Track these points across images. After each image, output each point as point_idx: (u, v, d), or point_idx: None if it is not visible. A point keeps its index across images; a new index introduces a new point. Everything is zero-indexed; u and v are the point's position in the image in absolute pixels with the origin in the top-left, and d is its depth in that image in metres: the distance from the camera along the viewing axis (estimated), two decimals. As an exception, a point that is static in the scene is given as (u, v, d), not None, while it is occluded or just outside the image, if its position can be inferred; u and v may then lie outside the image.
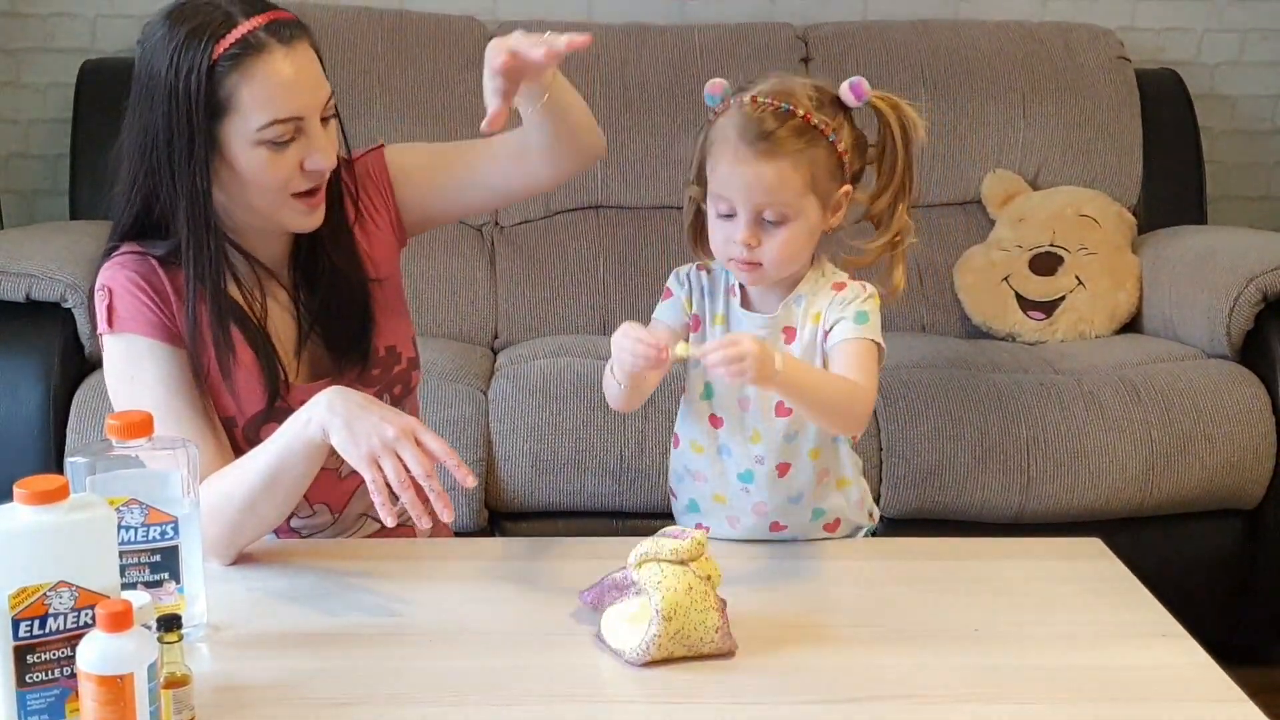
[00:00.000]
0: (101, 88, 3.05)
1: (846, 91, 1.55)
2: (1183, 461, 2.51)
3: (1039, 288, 2.94)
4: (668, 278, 1.68)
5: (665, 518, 1.75)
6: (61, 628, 1.17)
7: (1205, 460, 2.52)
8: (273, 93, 1.50)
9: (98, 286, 1.59)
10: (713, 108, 1.58)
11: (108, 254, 1.61)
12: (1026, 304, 2.94)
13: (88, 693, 1.12)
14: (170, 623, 1.21)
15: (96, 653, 1.12)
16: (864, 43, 3.16)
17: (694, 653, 1.34)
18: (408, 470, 1.43)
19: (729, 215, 1.54)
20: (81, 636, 1.15)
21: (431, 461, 1.45)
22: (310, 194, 1.57)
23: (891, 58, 3.14)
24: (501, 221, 3.08)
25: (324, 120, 1.56)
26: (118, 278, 1.58)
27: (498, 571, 1.57)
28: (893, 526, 2.43)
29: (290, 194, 1.55)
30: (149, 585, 1.34)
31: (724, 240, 1.56)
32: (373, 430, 1.44)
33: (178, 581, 1.35)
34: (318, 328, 1.66)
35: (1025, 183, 3.11)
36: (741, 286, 1.63)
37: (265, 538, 1.60)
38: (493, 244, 3.05)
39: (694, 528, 1.64)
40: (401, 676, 1.32)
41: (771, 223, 1.53)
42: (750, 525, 1.65)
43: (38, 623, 1.17)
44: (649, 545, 1.36)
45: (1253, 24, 3.43)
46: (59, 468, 2.27)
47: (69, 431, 2.42)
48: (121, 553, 1.27)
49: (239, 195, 1.56)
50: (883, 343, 1.58)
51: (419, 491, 1.44)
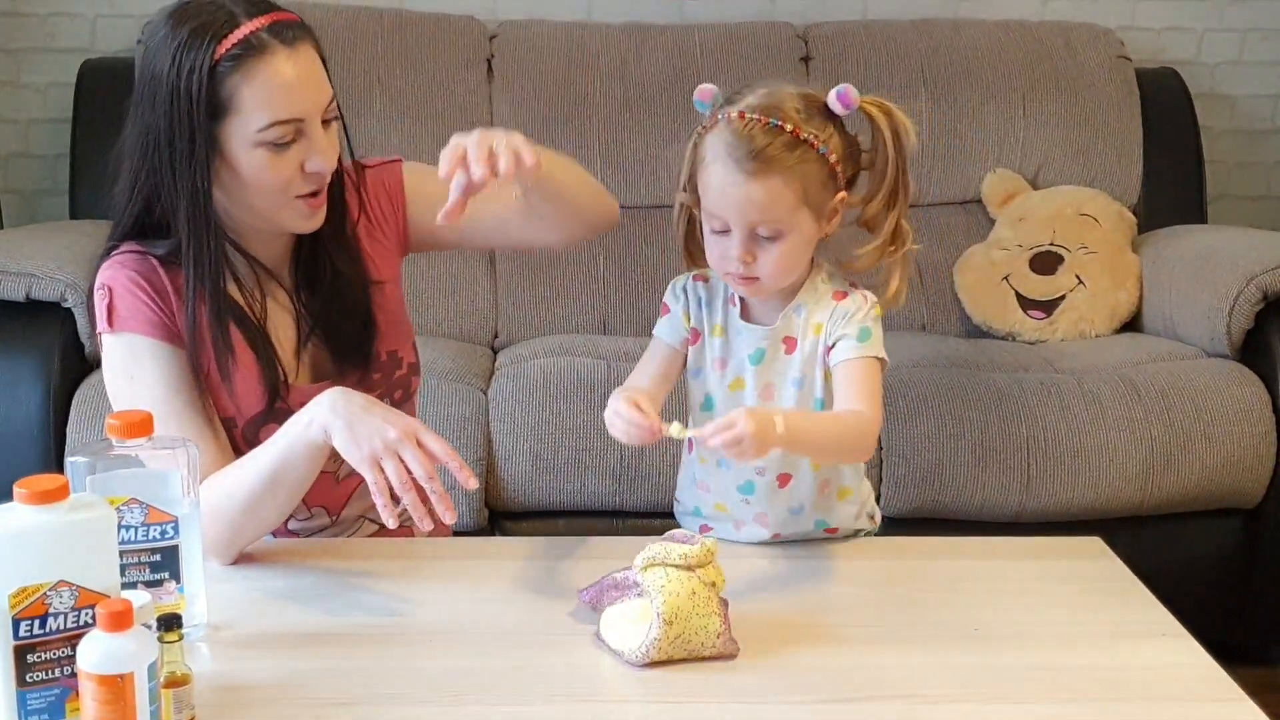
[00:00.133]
0: (101, 87, 3.06)
1: (834, 100, 1.52)
2: (1183, 461, 2.51)
3: (1039, 287, 2.94)
4: (667, 279, 1.67)
5: (666, 517, 1.76)
6: (62, 627, 1.17)
7: (1205, 459, 2.52)
8: (273, 94, 1.50)
9: (97, 285, 1.59)
10: (703, 114, 1.55)
11: (107, 253, 1.61)
12: (1027, 303, 2.94)
13: (88, 692, 1.12)
14: (170, 622, 1.21)
15: (97, 652, 1.12)
16: (864, 42, 3.16)
17: (694, 656, 1.34)
18: (410, 472, 1.43)
19: (723, 231, 1.52)
20: (82, 636, 1.15)
21: (433, 463, 1.44)
22: (311, 195, 1.57)
23: (891, 57, 3.13)
24: (501, 221, 3.08)
25: (326, 122, 1.56)
26: (118, 277, 1.58)
27: (498, 571, 1.57)
28: (893, 526, 2.42)
29: (292, 195, 1.55)
30: (149, 585, 1.33)
31: (720, 256, 1.54)
32: (375, 432, 1.44)
33: (178, 581, 1.35)
34: (319, 329, 1.66)
35: (1025, 182, 3.11)
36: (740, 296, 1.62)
37: (264, 538, 1.60)
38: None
39: (698, 531, 1.65)
40: (401, 676, 1.32)
41: (766, 238, 1.51)
42: (752, 533, 1.64)
43: (38, 622, 1.17)
44: (657, 549, 1.36)
45: (1253, 23, 3.43)
46: (59, 467, 2.26)
47: (69, 431, 2.42)
48: (121, 552, 1.27)
49: (239, 196, 1.56)
50: (885, 356, 1.57)
51: (421, 493, 1.44)
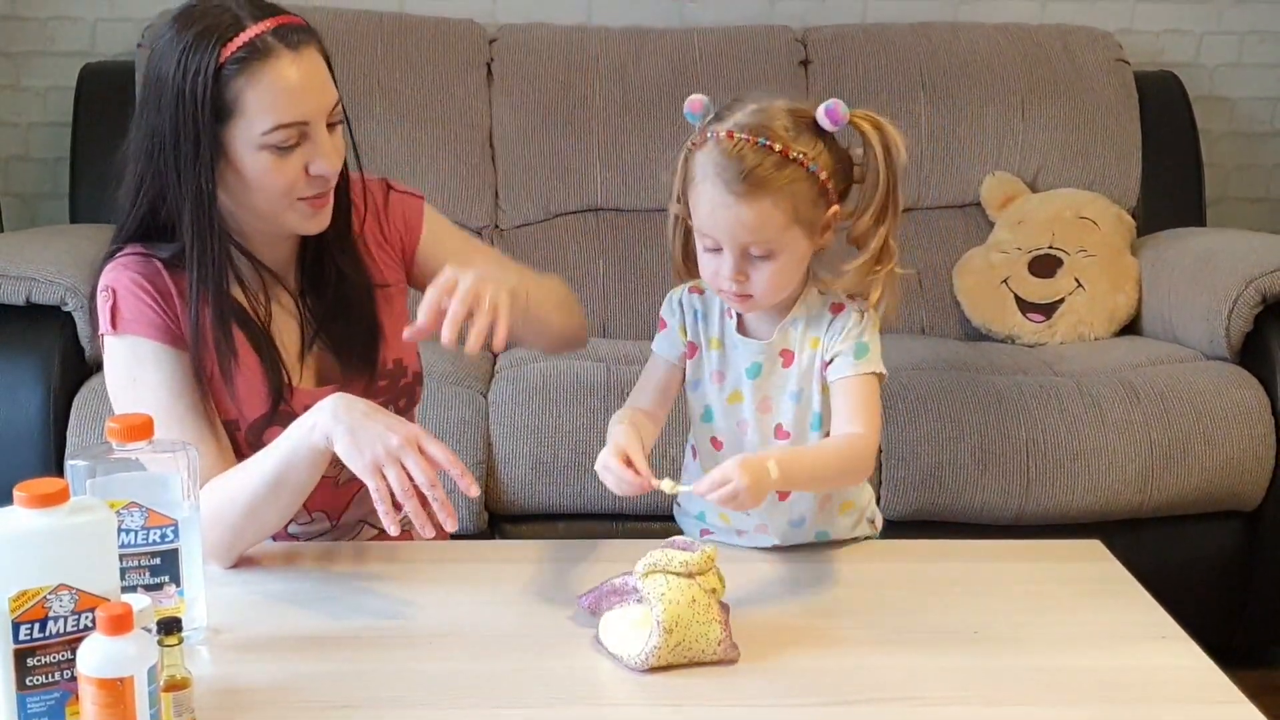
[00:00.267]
0: (101, 91, 3.06)
1: (823, 116, 1.49)
2: (1182, 463, 2.51)
3: (1038, 290, 2.94)
4: (667, 282, 1.66)
5: (666, 520, 1.76)
6: (61, 631, 1.17)
7: (1205, 462, 2.52)
8: (277, 97, 1.50)
9: (101, 287, 1.59)
10: (693, 125, 1.53)
11: (111, 255, 1.61)
12: (1026, 306, 2.94)
13: (88, 696, 1.12)
14: (170, 626, 1.21)
15: (97, 656, 1.12)
16: (863, 45, 3.16)
17: (695, 662, 1.34)
18: (412, 479, 1.43)
19: (715, 249, 1.51)
20: (82, 640, 1.15)
21: (435, 470, 1.44)
22: (315, 197, 1.57)
23: (891, 60, 3.14)
24: (501, 225, 3.08)
25: (331, 126, 1.56)
26: (121, 279, 1.57)
27: (497, 574, 1.57)
28: (893, 529, 2.42)
29: (295, 198, 1.55)
30: (149, 588, 1.33)
31: (713, 273, 1.53)
32: (377, 438, 1.44)
33: (178, 584, 1.35)
34: (324, 332, 1.66)
35: (1024, 185, 3.11)
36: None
37: (264, 541, 1.60)
38: (492, 246, 3.05)
39: (700, 535, 1.65)
40: (401, 679, 1.32)
41: (759, 257, 1.50)
42: (754, 540, 1.64)
43: (38, 626, 1.17)
44: (658, 556, 1.35)
45: (1252, 26, 3.44)
46: (59, 471, 2.26)
47: (69, 434, 2.42)
48: (121, 556, 1.27)
49: (243, 198, 1.56)
50: (883, 370, 1.57)
51: (423, 500, 1.44)
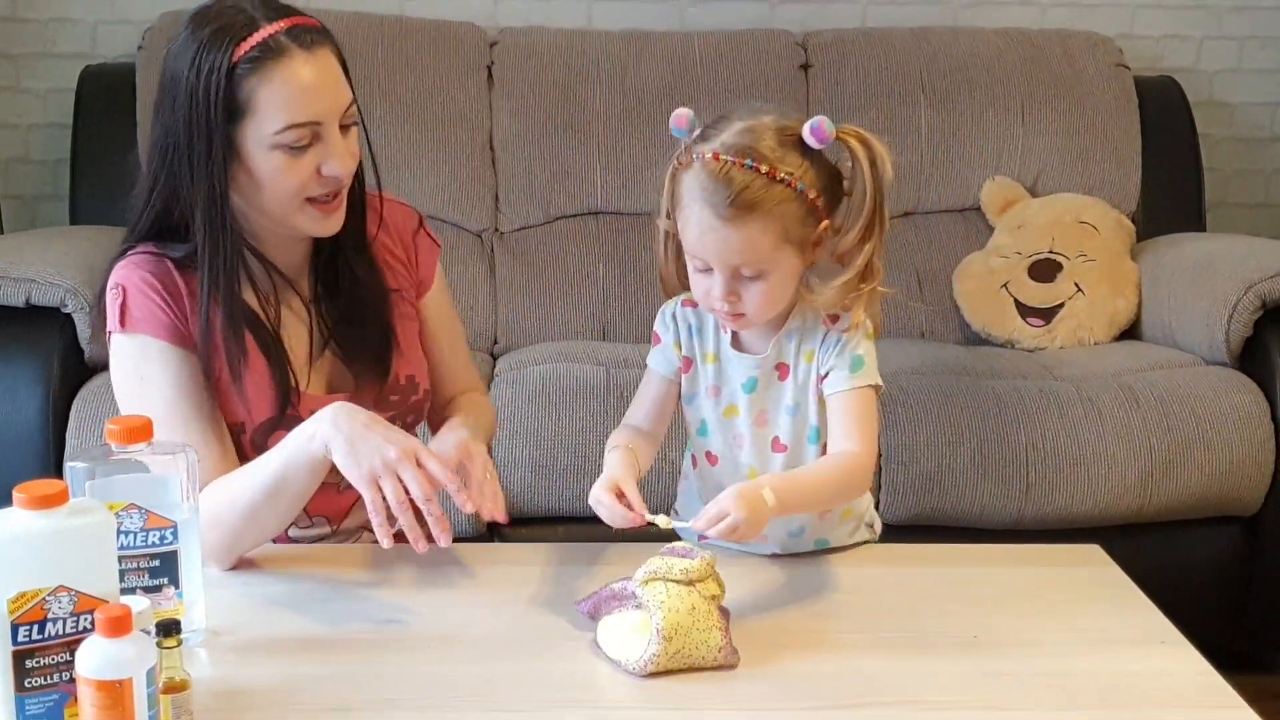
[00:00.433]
0: (101, 93, 3.06)
1: (808, 134, 1.47)
2: (1182, 468, 2.51)
3: (1038, 294, 2.94)
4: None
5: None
6: (60, 632, 1.17)
7: (1204, 467, 2.52)
8: (290, 97, 1.50)
9: (111, 285, 1.58)
10: (679, 139, 1.52)
11: (122, 253, 1.60)
12: (1025, 310, 2.94)
13: (86, 698, 1.12)
14: (169, 628, 1.21)
15: (95, 658, 1.12)
16: (863, 49, 3.17)
17: (694, 668, 1.34)
18: (408, 492, 1.43)
19: (706, 270, 1.50)
20: (80, 641, 1.15)
21: (431, 485, 1.44)
22: (327, 200, 1.57)
23: (891, 65, 3.14)
24: (501, 228, 3.08)
25: (345, 127, 1.55)
26: (132, 277, 1.57)
27: (497, 578, 1.57)
28: (892, 533, 2.40)
29: (304, 199, 1.55)
30: (148, 590, 1.33)
31: (704, 293, 1.52)
32: (374, 450, 1.44)
33: (177, 586, 1.35)
34: (336, 338, 1.66)
35: (1024, 189, 3.11)
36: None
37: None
38: (492, 250, 3.05)
39: (699, 541, 1.64)
40: (400, 682, 1.32)
41: (750, 278, 1.49)
42: (753, 546, 1.63)
43: (36, 627, 1.17)
44: (658, 564, 1.35)
45: (1251, 32, 3.44)
46: (58, 472, 2.26)
47: (68, 436, 2.42)
48: (120, 557, 1.27)
49: (255, 199, 1.56)
50: (879, 382, 1.56)
51: (418, 514, 1.44)
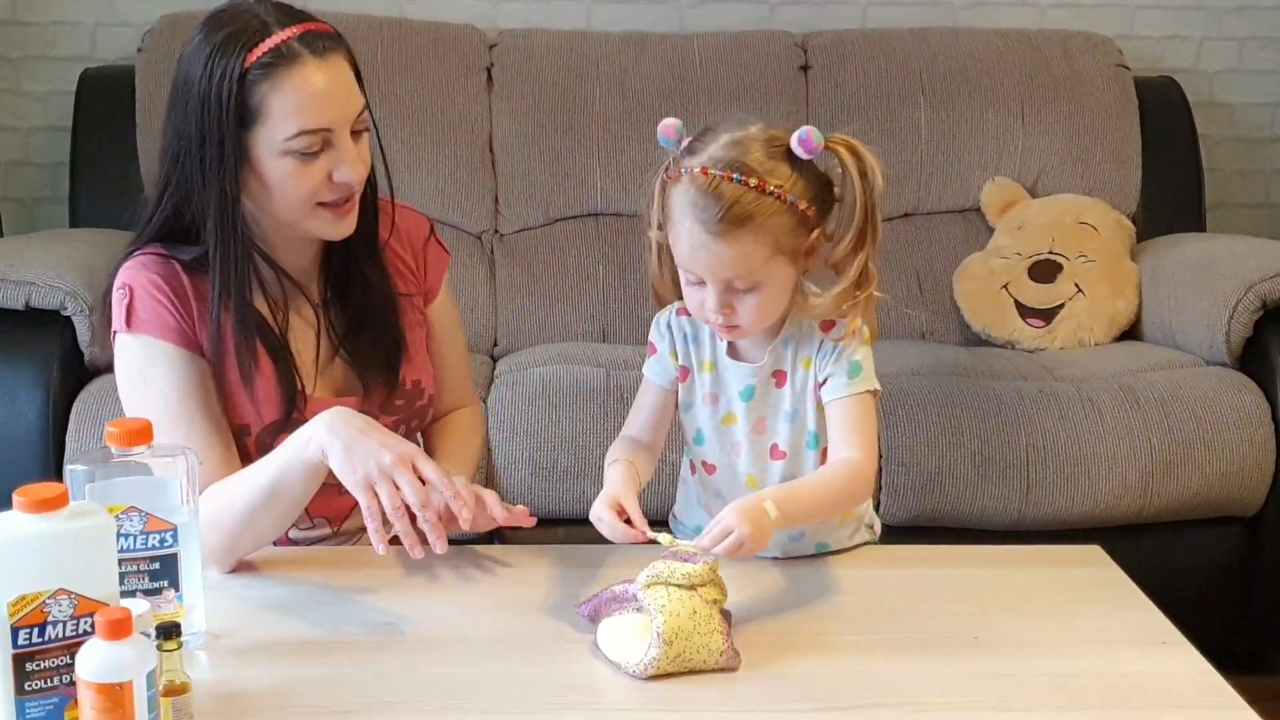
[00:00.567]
0: (101, 96, 3.06)
1: (796, 145, 1.46)
2: (1182, 469, 2.51)
3: (1038, 295, 2.94)
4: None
5: (665, 526, 1.75)
6: (60, 635, 1.17)
7: (1205, 467, 2.52)
8: (301, 103, 1.50)
9: (117, 284, 1.58)
10: (667, 150, 1.51)
11: (130, 253, 1.60)
12: (1026, 311, 2.94)
13: (87, 700, 1.12)
14: (169, 630, 1.21)
15: (95, 660, 1.12)
16: (863, 51, 3.16)
17: (695, 671, 1.34)
18: (404, 498, 1.43)
19: (699, 283, 1.50)
20: (80, 644, 1.15)
21: (427, 491, 1.44)
22: (338, 205, 1.57)
23: (890, 65, 3.14)
24: (501, 229, 3.08)
25: (356, 134, 1.56)
26: (139, 278, 1.57)
27: (497, 580, 1.57)
28: (892, 534, 2.41)
29: (315, 204, 1.55)
30: (148, 593, 1.33)
31: (698, 305, 1.52)
32: (370, 455, 1.44)
33: (176, 589, 1.35)
34: (346, 343, 1.66)
35: (1024, 190, 3.11)
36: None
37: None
38: (492, 251, 3.05)
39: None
40: (400, 685, 1.32)
41: (743, 290, 1.49)
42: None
43: (37, 630, 1.17)
44: (660, 568, 1.35)
45: (1251, 32, 3.44)
46: (58, 475, 2.26)
47: (68, 439, 2.42)
48: (120, 560, 1.27)
49: (266, 204, 1.56)
50: (877, 387, 1.56)
51: (414, 520, 1.43)
